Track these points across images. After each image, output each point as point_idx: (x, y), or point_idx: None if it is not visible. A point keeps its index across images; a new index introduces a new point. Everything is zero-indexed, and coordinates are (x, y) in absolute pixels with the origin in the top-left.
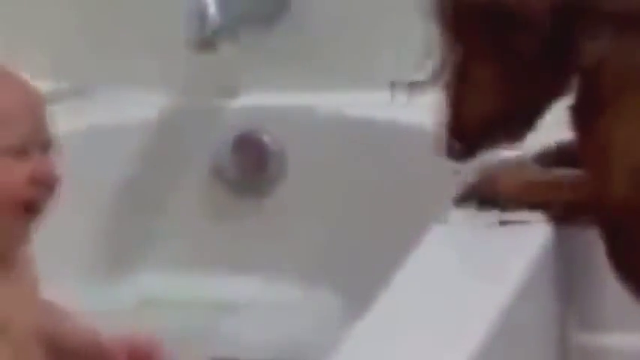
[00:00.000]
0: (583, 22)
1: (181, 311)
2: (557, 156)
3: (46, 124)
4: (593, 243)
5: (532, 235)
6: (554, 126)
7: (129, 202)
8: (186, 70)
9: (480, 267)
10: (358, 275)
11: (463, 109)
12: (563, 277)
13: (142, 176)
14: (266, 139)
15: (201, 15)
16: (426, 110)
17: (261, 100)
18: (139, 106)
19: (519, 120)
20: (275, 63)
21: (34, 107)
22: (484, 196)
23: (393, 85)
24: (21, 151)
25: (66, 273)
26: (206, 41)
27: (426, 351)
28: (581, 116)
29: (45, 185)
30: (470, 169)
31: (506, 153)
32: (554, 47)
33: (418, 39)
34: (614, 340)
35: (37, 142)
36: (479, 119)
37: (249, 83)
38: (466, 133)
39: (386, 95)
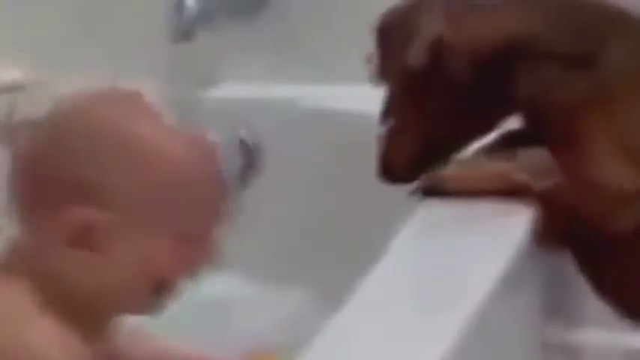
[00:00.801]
0: (524, 62)
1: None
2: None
3: (227, 196)
4: None
5: (514, 225)
6: None
7: None
8: (166, 61)
9: (457, 259)
10: (339, 270)
11: (389, 151)
12: (546, 270)
13: None
14: (245, 131)
15: (179, 5)
16: None
17: (240, 91)
18: None
19: (449, 153)
20: (255, 54)
21: (222, 179)
22: (428, 187)
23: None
24: (195, 239)
25: None
26: (183, 31)
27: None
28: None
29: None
30: None
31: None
32: (481, 90)
33: None
34: (594, 335)
35: (214, 223)
36: (405, 160)
37: (229, 75)
38: (394, 175)
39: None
